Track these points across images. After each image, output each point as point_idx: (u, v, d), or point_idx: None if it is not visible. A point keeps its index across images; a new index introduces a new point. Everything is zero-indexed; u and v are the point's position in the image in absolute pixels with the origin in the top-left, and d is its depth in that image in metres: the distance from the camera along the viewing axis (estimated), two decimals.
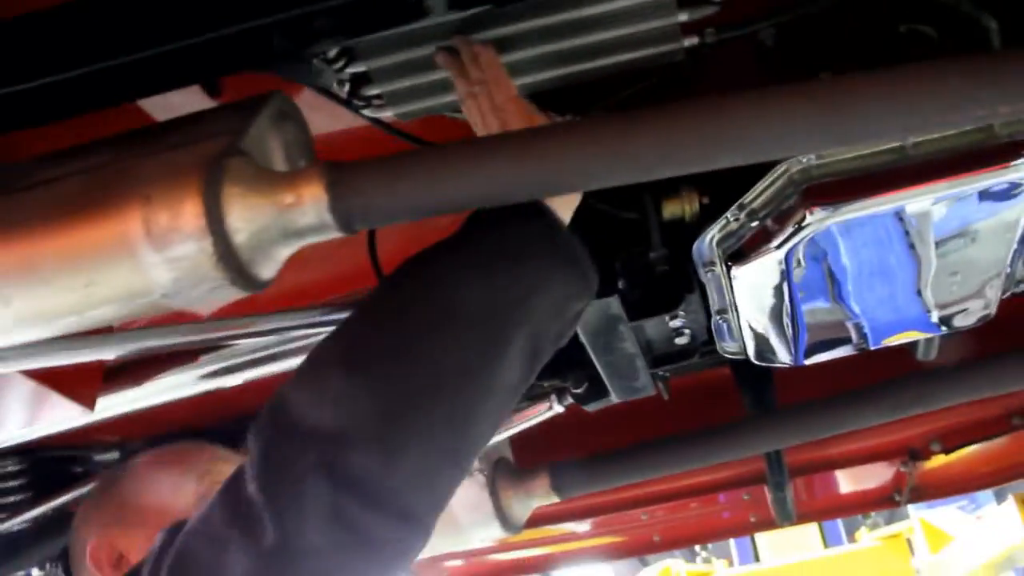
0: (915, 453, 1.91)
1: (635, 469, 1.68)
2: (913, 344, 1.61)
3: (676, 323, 1.29)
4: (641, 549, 2.26)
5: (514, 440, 1.82)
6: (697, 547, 3.52)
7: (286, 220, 0.96)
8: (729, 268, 1.19)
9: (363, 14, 1.10)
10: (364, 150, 1.04)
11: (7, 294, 0.98)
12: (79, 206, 0.98)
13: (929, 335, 1.48)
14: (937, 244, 1.21)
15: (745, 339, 1.33)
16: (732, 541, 3.70)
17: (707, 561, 3.38)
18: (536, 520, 2.15)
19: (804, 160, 1.11)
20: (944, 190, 1.10)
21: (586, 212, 1.27)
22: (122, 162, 1.02)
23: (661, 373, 1.53)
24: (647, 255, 1.25)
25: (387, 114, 1.26)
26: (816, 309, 1.28)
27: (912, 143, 1.10)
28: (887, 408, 1.63)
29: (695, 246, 1.19)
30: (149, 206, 0.94)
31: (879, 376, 1.57)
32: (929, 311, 1.33)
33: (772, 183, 1.12)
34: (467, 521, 1.68)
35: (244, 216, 0.95)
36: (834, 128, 0.89)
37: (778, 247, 1.15)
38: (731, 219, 1.15)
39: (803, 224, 1.12)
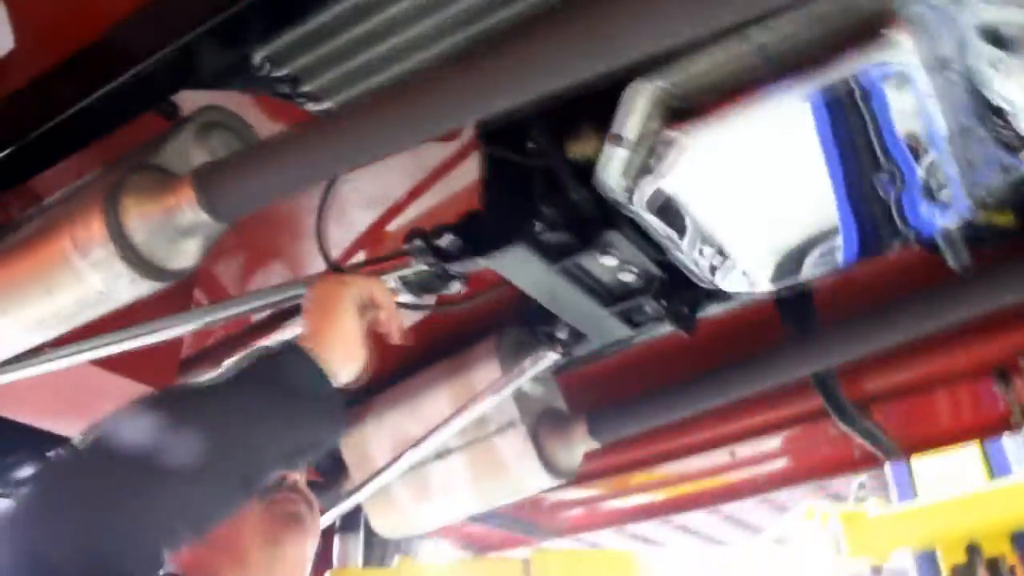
0: (1002, 371, 1.69)
1: (670, 406, 1.67)
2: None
3: (610, 262, 1.29)
4: (738, 494, 2.19)
5: (570, 390, 1.87)
6: (856, 484, 3.25)
7: (175, 220, 1.13)
8: (632, 200, 1.18)
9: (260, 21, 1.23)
10: None
11: (5, 308, 1.24)
12: (41, 232, 1.21)
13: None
14: None
15: (701, 267, 1.31)
16: (890, 476, 3.37)
17: (861, 500, 3.10)
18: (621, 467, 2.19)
19: (661, 81, 1.08)
20: (813, 83, 1.02)
21: (500, 165, 1.32)
22: (77, 189, 1.25)
23: (685, 313, 1.52)
24: (568, 199, 1.27)
25: (329, 104, 1.37)
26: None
27: (770, 42, 1.04)
28: (934, 317, 1.50)
29: (596, 183, 1.19)
30: (73, 224, 1.15)
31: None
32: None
33: (633, 109, 1.10)
34: (517, 470, 1.76)
35: (138, 222, 1.13)
36: (590, 53, 0.89)
37: (666, 174, 1.12)
38: (609, 152, 1.14)
39: (673, 146, 1.09)
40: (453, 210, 1.41)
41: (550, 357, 1.53)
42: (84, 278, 1.16)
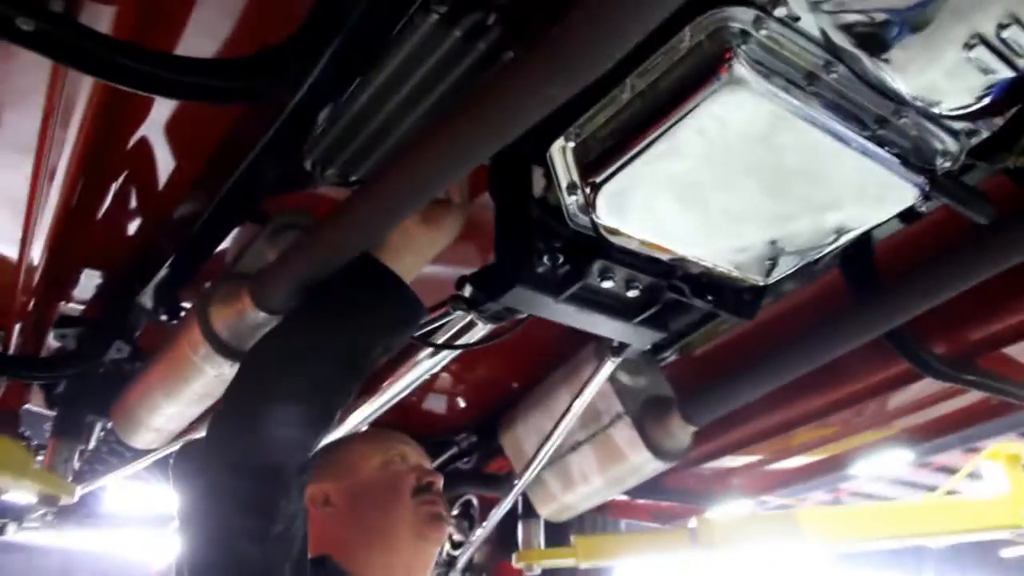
0: None
1: (753, 384, 1.75)
2: None
3: (609, 284, 1.43)
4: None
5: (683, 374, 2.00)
6: None
7: (246, 319, 1.47)
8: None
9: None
10: None
11: (170, 394, 1.67)
12: (175, 337, 1.62)
13: None
14: None
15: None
16: None
17: None
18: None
19: (570, 140, 1.22)
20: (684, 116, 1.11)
21: (507, 214, 1.51)
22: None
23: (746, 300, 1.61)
24: (562, 236, 1.43)
25: None
26: None
27: (643, 86, 1.14)
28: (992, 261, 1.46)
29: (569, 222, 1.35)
30: (187, 330, 1.54)
31: None
32: None
33: (558, 166, 1.25)
34: (632, 457, 1.93)
35: (221, 324, 1.48)
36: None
37: (602, 215, 1.26)
38: (563, 199, 1.30)
39: (593, 195, 1.23)
40: None
41: (611, 361, 1.70)
42: (201, 369, 1.55)
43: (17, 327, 2.25)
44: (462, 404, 2.72)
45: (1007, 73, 1.08)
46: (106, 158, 1.72)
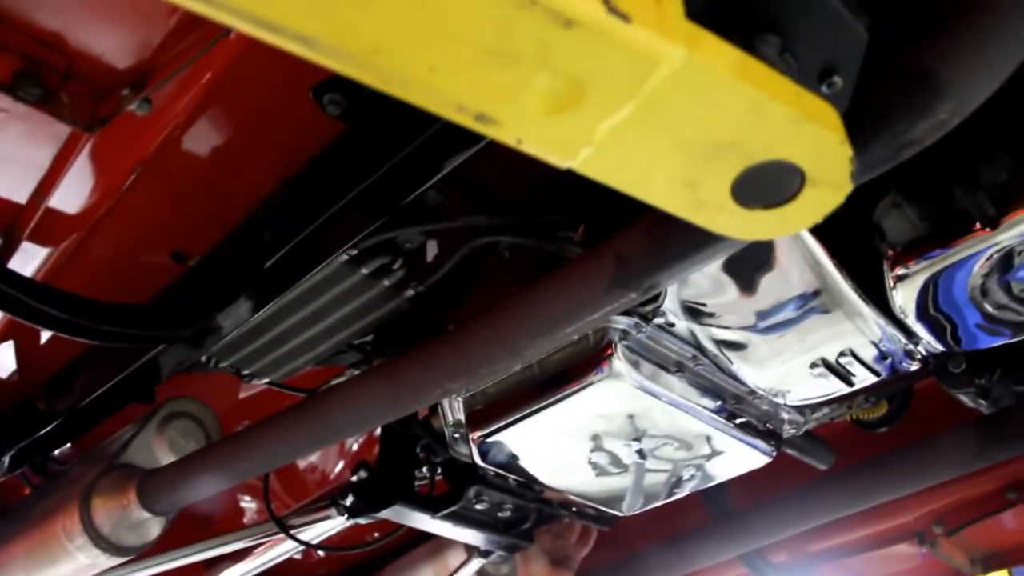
0: (921, 535, 1.77)
1: None
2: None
3: (483, 507, 1.55)
4: None
5: None
6: None
7: (129, 515, 1.48)
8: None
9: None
10: None
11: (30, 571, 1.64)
12: (46, 515, 1.61)
13: None
14: None
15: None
16: None
17: None
18: None
19: (465, 395, 1.34)
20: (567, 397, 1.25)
21: (393, 435, 1.60)
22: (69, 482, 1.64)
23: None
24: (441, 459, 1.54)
25: (264, 381, 1.71)
26: None
27: (535, 364, 1.28)
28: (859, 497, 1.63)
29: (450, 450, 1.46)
30: (63, 515, 1.54)
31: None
32: None
33: (449, 411, 1.37)
34: None
35: (104, 518, 1.49)
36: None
37: (482, 461, 1.38)
38: (448, 432, 1.41)
39: (476, 446, 1.34)
40: None
41: (477, 561, 1.79)
42: (74, 556, 1.54)
43: None
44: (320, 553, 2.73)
45: (843, 387, 1.27)
46: None
